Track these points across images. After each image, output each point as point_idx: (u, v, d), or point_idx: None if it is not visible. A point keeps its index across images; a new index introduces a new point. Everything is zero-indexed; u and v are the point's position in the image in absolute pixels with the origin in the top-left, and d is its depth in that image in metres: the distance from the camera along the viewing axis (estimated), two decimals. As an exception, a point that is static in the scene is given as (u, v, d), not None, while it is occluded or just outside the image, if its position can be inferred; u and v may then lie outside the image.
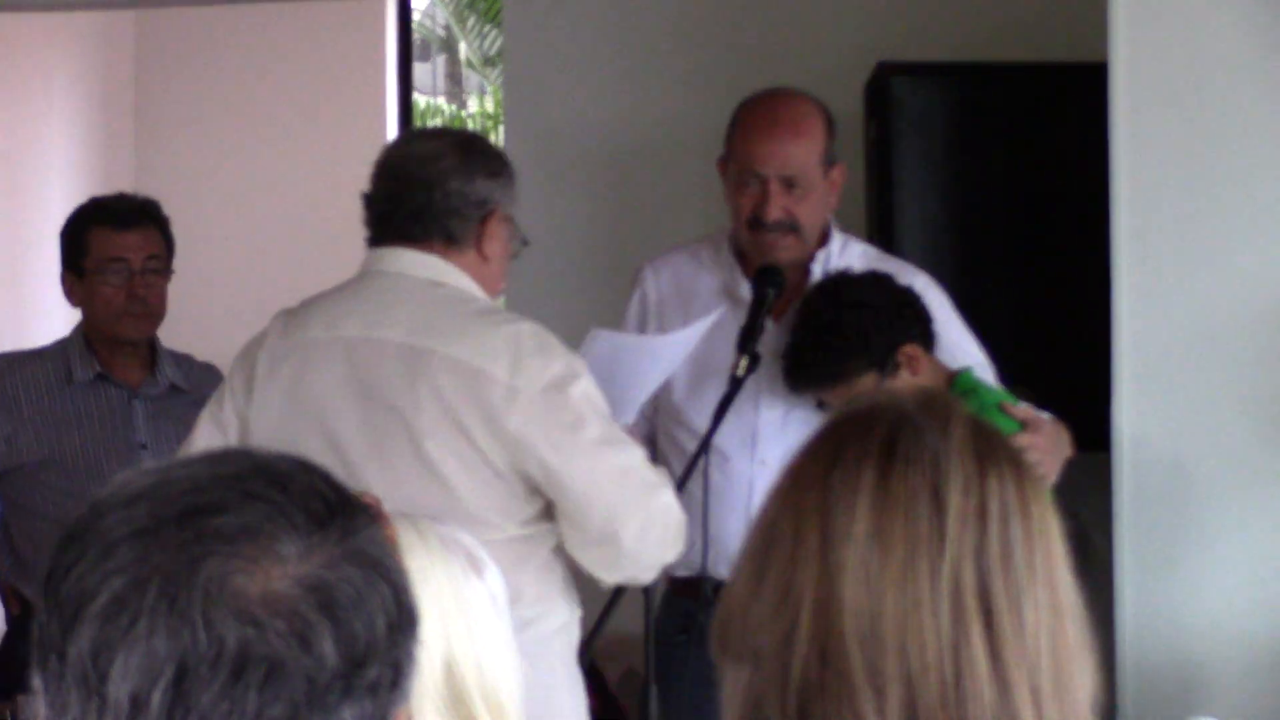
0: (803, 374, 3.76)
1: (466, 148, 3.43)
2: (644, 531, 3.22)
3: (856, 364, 3.68)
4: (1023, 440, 3.62)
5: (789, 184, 3.84)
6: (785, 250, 3.85)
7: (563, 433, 3.19)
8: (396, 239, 3.34)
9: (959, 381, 3.74)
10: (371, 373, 3.24)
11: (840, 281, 3.79)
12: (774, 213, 3.83)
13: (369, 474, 3.15)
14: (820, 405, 3.80)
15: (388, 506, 2.10)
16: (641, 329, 4.06)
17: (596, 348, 3.52)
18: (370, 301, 3.31)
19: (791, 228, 3.84)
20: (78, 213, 4.52)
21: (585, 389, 3.24)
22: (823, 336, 3.73)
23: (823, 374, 3.72)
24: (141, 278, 4.37)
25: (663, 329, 4.00)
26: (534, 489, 3.24)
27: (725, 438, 3.76)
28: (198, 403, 4.37)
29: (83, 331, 4.45)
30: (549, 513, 3.26)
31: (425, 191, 3.33)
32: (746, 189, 3.85)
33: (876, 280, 3.77)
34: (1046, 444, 3.60)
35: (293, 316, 3.44)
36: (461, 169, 3.35)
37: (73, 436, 4.35)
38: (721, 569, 3.72)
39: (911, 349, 3.69)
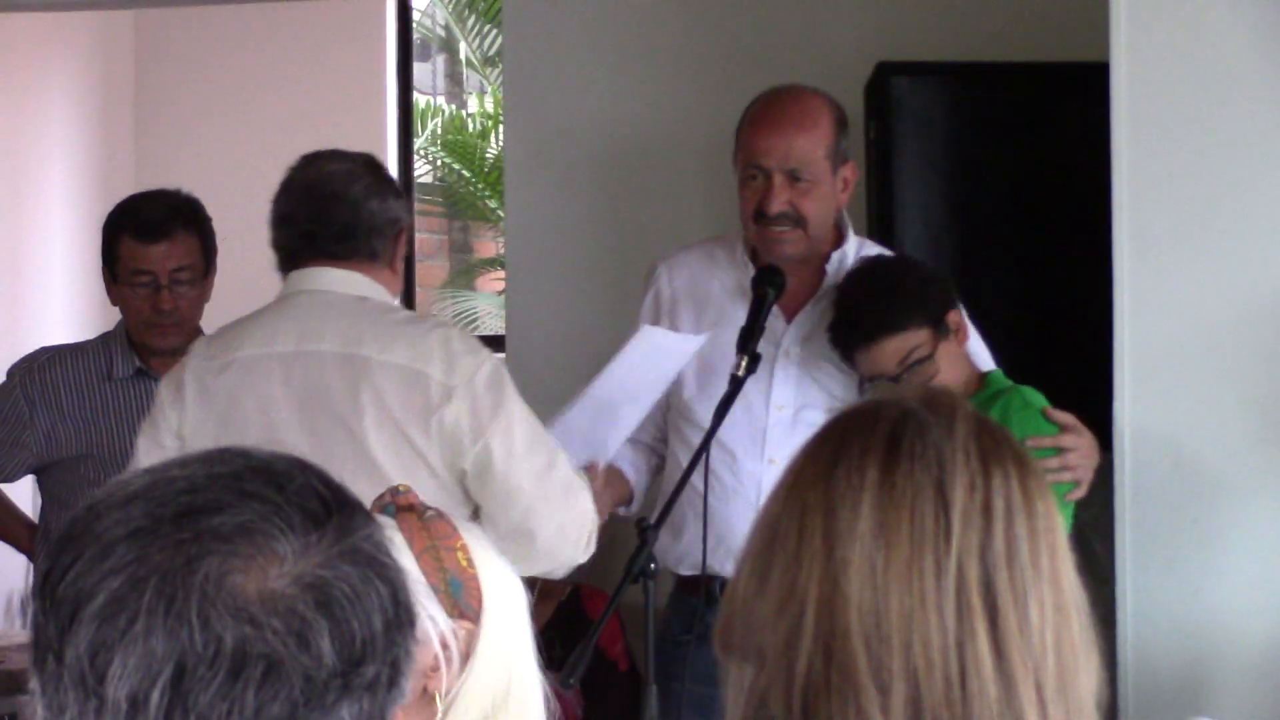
0: (859, 325, 3.75)
1: (375, 168, 3.62)
2: (561, 531, 3.37)
3: (914, 316, 3.70)
4: (1065, 442, 3.63)
5: (793, 177, 3.83)
6: (790, 244, 3.84)
7: (495, 428, 3.35)
8: (321, 257, 3.48)
9: (993, 379, 3.75)
10: (311, 383, 3.39)
11: (886, 257, 3.85)
12: (776, 205, 3.81)
13: None
14: (864, 384, 3.80)
15: None
16: (654, 321, 4.07)
17: (646, 343, 3.70)
18: (300, 319, 3.45)
19: (796, 221, 3.83)
20: (113, 215, 4.44)
21: (513, 390, 3.42)
22: (881, 291, 3.74)
23: (879, 322, 3.71)
24: (169, 291, 4.32)
25: (674, 327, 4.00)
26: (464, 490, 3.38)
27: (734, 437, 3.76)
28: None
29: (124, 327, 4.43)
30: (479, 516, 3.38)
31: (351, 211, 3.49)
32: (751, 182, 3.85)
33: (917, 260, 3.80)
34: (1086, 448, 3.62)
35: (215, 340, 3.57)
36: (376, 189, 3.54)
37: (111, 432, 4.34)
38: (729, 567, 3.71)
39: (959, 316, 3.71)
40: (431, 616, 2.24)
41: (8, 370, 4.52)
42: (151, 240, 4.31)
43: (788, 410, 3.90)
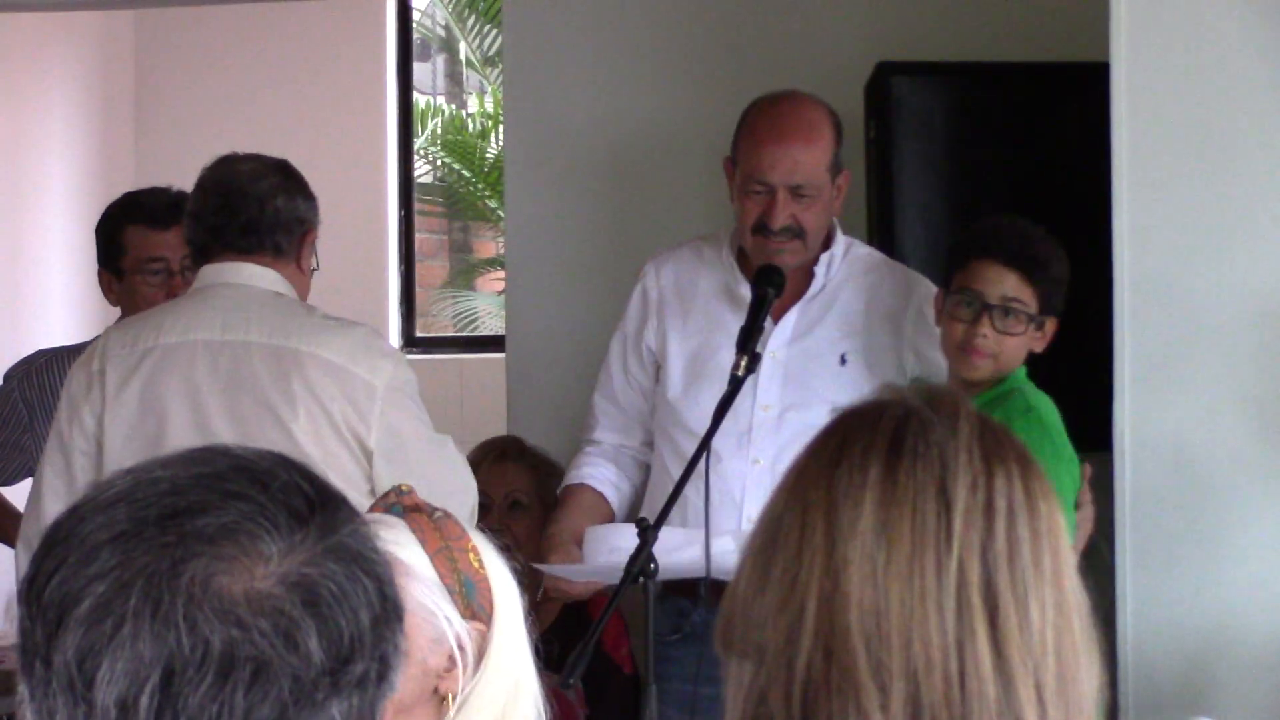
0: (1006, 241, 3.75)
1: (285, 170, 3.78)
2: (471, 519, 3.53)
3: (1043, 281, 3.72)
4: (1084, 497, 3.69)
5: (796, 192, 3.84)
6: (789, 255, 3.86)
7: (410, 423, 3.63)
8: (229, 252, 3.66)
9: (1013, 375, 3.75)
10: (239, 370, 3.57)
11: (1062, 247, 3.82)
12: (780, 220, 3.84)
13: None
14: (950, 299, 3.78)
15: None
16: (640, 323, 4.07)
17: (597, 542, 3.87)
18: (221, 310, 3.63)
19: (796, 234, 3.85)
20: (113, 210, 4.44)
21: (417, 390, 3.71)
22: (1050, 243, 3.74)
23: (1029, 255, 3.71)
24: (181, 277, 4.29)
25: (660, 326, 4.01)
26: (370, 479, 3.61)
27: (719, 436, 3.76)
28: None
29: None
30: None
31: (257, 206, 3.67)
32: (753, 196, 3.85)
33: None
34: (1084, 521, 3.67)
35: (130, 327, 3.71)
36: (284, 188, 3.71)
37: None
38: (715, 567, 3.71)
39: (1054, 325, 3.71)
40: (447, 617, 2.24)
41: (5, 373, 4.50)
42: (163, 226, 4.31)
43: (773, 410, 3.90)
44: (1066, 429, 3.70)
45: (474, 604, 2.26)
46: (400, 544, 2.25)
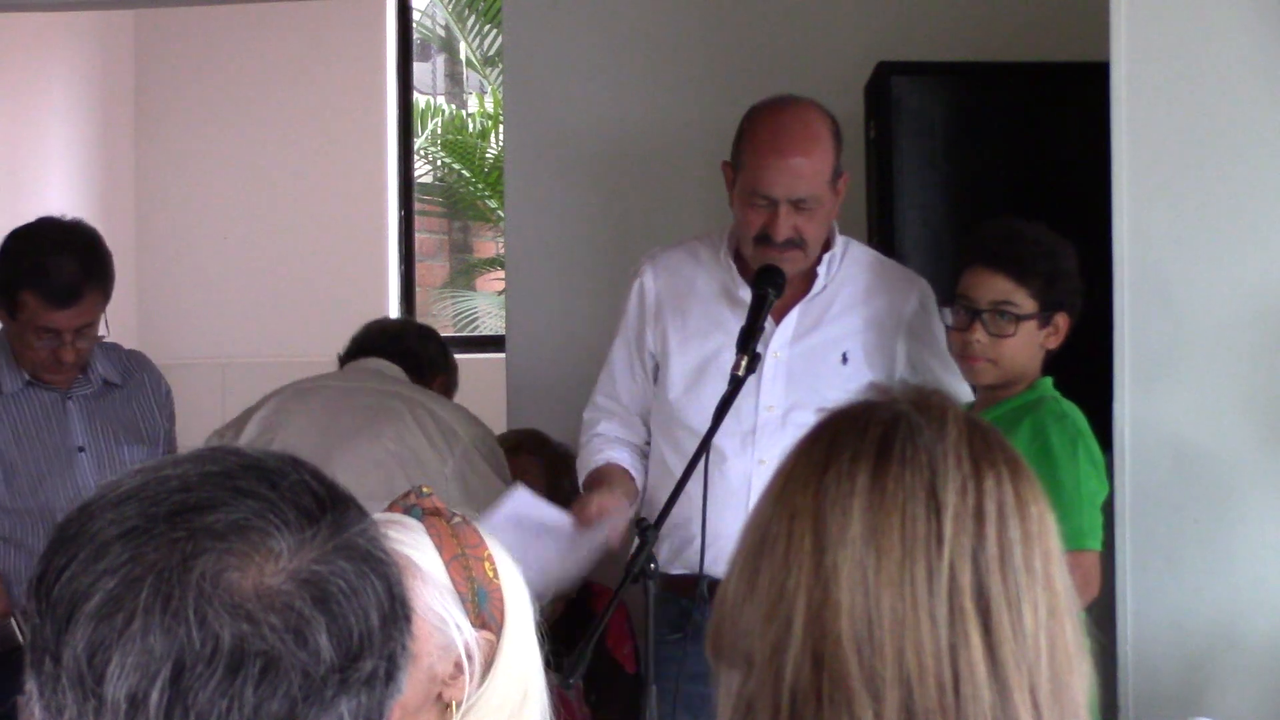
0: (988, 245, 3.77)
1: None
2: None
3: (1033, 281, 3.71)
4: None
5: (798, 205, 3.85)
6: (790, 263, 3.87)
7: None
8: None
9: (1042, 384, 3.76)
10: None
11: (1065, 242, 3.81)
12: (784, 233, 3.84)
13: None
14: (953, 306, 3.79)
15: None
16: (640, 326, 4.06)
17: (512, 504, 3.73)
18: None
19: (798, 244, 3.86)
20: (17, 258, 4.19)
21: None
22: (1036, 241, 3.75)
23: (1006, 257, 3.73)
24: (71, 344, 4.18)
25: (659, 329, 4.01)
26: None
27: (724, 437, 3.76)
28: (132, 396, 4.36)
29: (5, 339, 4.27)
30: None
31: None
32: (756, 208, 3.85)
33: (1079, 259, 3.79)
34: None
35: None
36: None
37: (11, 450, 4.19)
38: (719, 568, 3.71)
39: (1065, 320, 3.72)
40: (458, 625, 2.23)
41: None
42: (62, 306, 4.16)
43: (777, 411, 3.90)
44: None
45: (485, 613, 2.25)
46: (416, 547, 2.24)
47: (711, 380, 3.85)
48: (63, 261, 4.16)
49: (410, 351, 4.72)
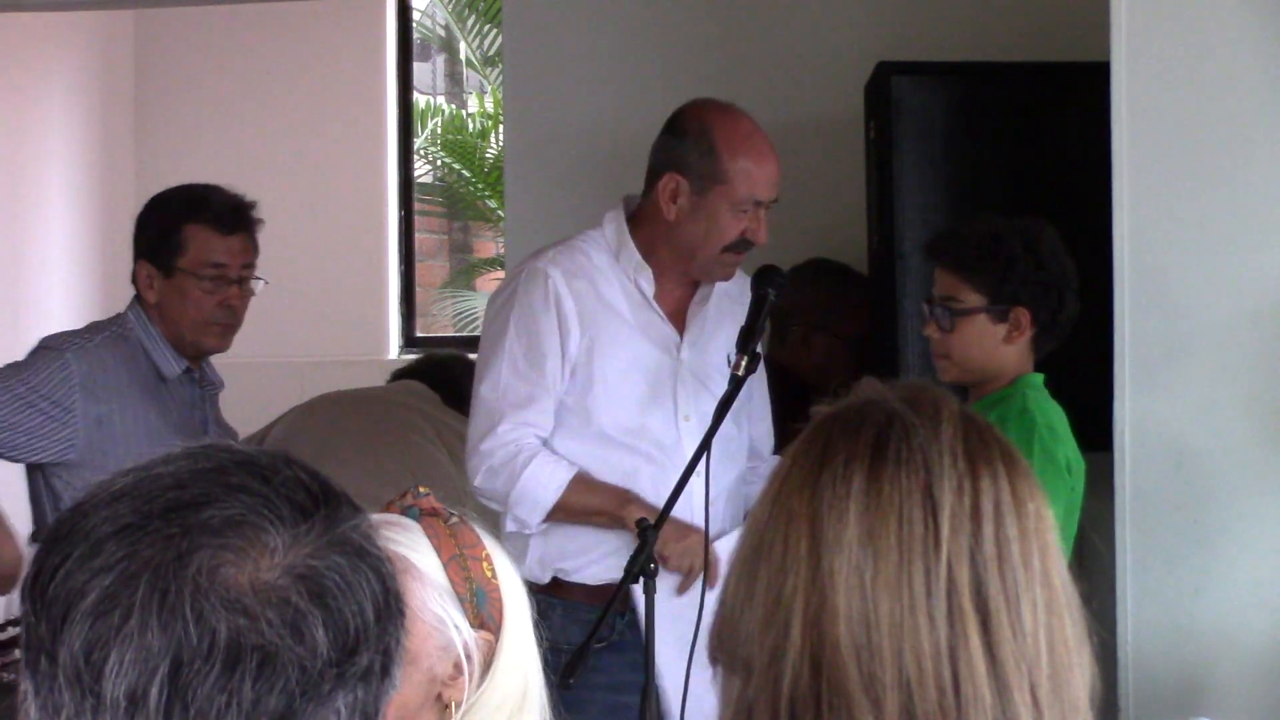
0: (936, 241, 3.83)
1: None
2: None
3: (977, 276, 3.72)
4: None
5: (770, 203, 3.89)
6: (737, 265, 3.91)
7: None
8: None
9: (1023, 380, 3.76)
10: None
11: (1036, 226, 3.81)
12: (765, 234, 3.86)
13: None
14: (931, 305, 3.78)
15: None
16: (565, 337, 3.91)
17: None
18: None
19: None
20: (170, 203, 4.16)
21: None
22: (983, 236, 3.76)
23: (949, 252, 3.76)
24: (238, 287, 4.12)
25: (585, 337, 3.87)
26: None
27: (660, 448, 3.82)
28: (214, 398, 4.33)
29: (156, 324, 4.11)
30: None
31: None
32: (744, 215, 3.85)
33: (1054, 250, 3.77)
34: None
35: None
36: None
37: (169, 437, 3.97)
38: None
39: (1024, 314, 3.72)
40: (456, 625, 2.23)
41: (43, 342, 4.13)
42: (229, 231, 4.11)
43: (694, 421, 3.87)
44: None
45: (484, 613, 2.25)
46: (414, 548, 2.24)
47: (647, 382, 3.87)
48: (222, 194, 4.16)
49: (451, 380, 5.03)
